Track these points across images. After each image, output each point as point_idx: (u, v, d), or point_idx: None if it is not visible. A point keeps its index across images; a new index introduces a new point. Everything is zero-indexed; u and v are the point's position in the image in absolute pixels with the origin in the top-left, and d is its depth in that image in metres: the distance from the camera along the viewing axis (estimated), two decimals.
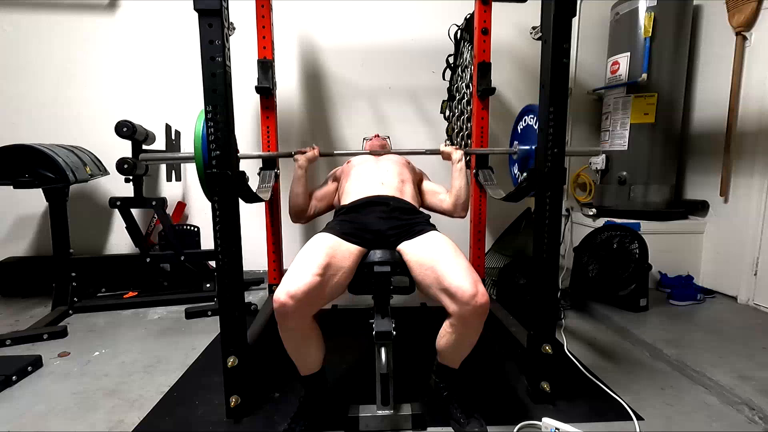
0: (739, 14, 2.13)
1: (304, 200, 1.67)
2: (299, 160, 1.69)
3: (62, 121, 2.54)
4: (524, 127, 1.80)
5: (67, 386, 1.47)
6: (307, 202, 1.68)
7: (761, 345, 1.69)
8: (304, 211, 1.69)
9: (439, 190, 1.74)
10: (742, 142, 2.17)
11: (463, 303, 1.09)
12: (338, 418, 1.23)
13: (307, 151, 1.72)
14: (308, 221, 1.74)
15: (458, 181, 1.65)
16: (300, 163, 1.69)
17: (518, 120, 1.86)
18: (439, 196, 1.72)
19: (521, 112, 1.83)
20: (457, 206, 1.67)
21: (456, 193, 1.65)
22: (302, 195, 1.66)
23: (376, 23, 2.61)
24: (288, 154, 1.76)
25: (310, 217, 1.71)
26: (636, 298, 2.07)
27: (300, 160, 1.69)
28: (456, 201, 1.66)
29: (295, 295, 1.06)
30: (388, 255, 1.27)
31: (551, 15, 1.22)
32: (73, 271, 2.19)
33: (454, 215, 1.70)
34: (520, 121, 1.84)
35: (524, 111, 1.81)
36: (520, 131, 1.84)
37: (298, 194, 1.66)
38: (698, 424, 1.26)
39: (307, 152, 1.72)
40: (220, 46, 1.17)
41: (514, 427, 1.22)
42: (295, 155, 1.72)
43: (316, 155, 1.73)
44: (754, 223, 2.11)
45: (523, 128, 1.81)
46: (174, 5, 2.52)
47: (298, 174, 1.68)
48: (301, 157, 1.70)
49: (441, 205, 1.71)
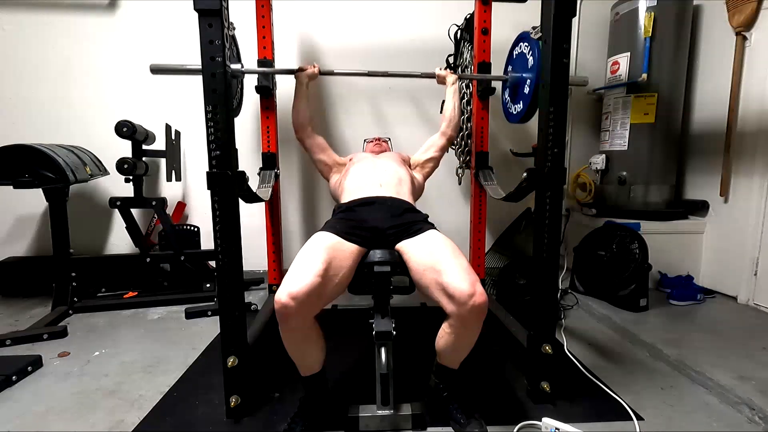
0: (739, 14, 2.13)
1: (303, 113, 1.80)
2: (300, 77, 1.82)
3: (62, 121, 2.54)
4: (518, 54, 1.84)
5: (67, 386, 1.47)
6: (307, 117, 1.81)
7: (761, 345, 1.69)
8: (303, 125, 1.81)
9: (426, 143, 1.88)
10: (742, 142, 2.17)
11: (461, 303, 1.09)
12: (338, 418, 1.23)
13: (308, 69, 1.83)
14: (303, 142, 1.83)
15: (451, 101, 1.84)
16: (300, 79, 1.82)
17: (514, 46, 1.89)
18: (430, 143, 1.86)
19: (517, 38, 1.87)
20: (451, 125, 1.84)
21: (450, 114, 1.83)
22: (302, 110, 1.80)
23: (376, 23, 2.61)
24: (290, 71, 1.85)
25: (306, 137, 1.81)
26: (636, 298, 2.07)
27: (300, 76, 1.82)
28: (450, 120, 1.83)
29: (296, 296, 1.06)
30: (388, 255, 1.27)
31: (551, 15, 1.23)
32: (73, 271, 2.19)
33: (450, 134, 1.85)
34: (515, 48, 1.87)
35: (519, 38, 1.84)
36: (515, 57, 1.89)
37: (298, 108, 1.81)
38: (698, 424, 1.26)
39: (307, 69, 1.83)
40: (220, 46, 1.17)
41: (514, 427, 1.22)
42: (298, 71, 1.83)
43: (315, 73, 1.84)
44: (754, 223, 2.11)
45: (517, 54, 1.86)
46: (174, 5, 2.51)
47: (299, 89, 1.82)
48: (302, 73, 1.82)
49: (437, 144, 1.85)
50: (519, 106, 1.82)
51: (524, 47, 1.75)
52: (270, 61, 2.01)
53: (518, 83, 1.81)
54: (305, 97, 1.83)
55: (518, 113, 1.83)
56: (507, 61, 1.96)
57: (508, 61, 1.94)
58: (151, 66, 1.60)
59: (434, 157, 1.85)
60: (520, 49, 1.80)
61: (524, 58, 1.74)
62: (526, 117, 1.81)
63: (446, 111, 1.85)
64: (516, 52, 1.86)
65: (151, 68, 1.60)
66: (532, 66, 1.67)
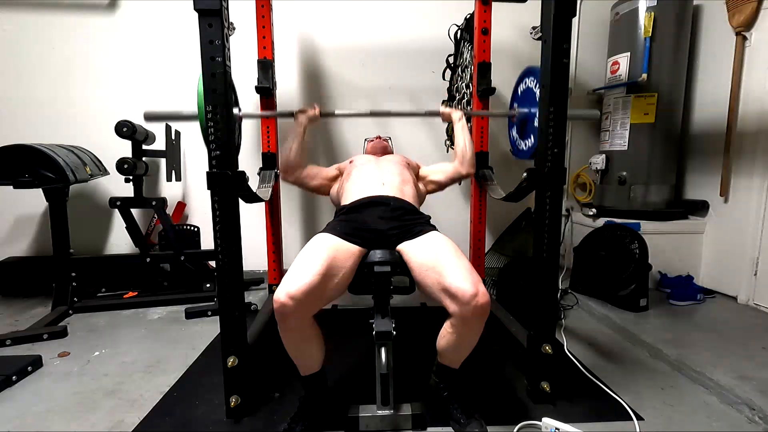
0: (739, 14, 2.13)
1: (295, 157, 1.65)
2: (299, 118, 1.69)
3: (62, 121, 2.54)
4: (524, 89, 1.80)
5: (67, 386, 1.47)
6: (298, 160, 1.66)
7: (761, 345, 1.69)
8: (293, 169, 1.66)
9: (440, 165, 1.79)
10: (742, 142, 2.17)
11: (464, 303, 1.09)
12: (338, 418, 1.23)
13: (308, 111, 1.72)
14: (294, 183, 1.71)
15: (461, 139, 1.72)
16: (300, 121, 1.69)
17: (519, 82, 1.86)
18: (442, 168, 1.77)
19: (522, 74, 1.84)
20: (464, 163, 1.72)
21: (461, 151, 1.71)
22: (295, 151, 1.65)
23: (376, 23, 2.61)
24: (290, 114, 1.75)
25: (297, 179, 1.69)
26: (636, 298, 2.07)
27: (300, 118, 1.69)
28: (462, 158, 1.72)
29: (294, 295, 1.06)
30: (388, 255, 1.27)
31: (551, 15, 1.22)
32: (73, 271, 2.19)
33: (462, 173, 1.74)
34: (520, 83, 1.84)
35: (525, 73, 1.81)
36: (520, 93, 1.85)
37: (292, 149, 1.64)
38: (698, 424, 1.26)
39: (308, 111, 1.71)
40: (220, 46, 1.17)
41: (514, 427, 1.22)
42: (297, 113, 1.72)
43: (317, 115, 1.72)
44: (754, 223, 2.11)
45: (523, 90, 1.81)
46: (174, 5, 2.52)
47: (297, 131, 1.67)
48: (302, 115, 1.70)
49: (448, 172, 1.75)
50: (529, 141, 1.77)
51: (530, 82, 1.72)
52: (270, 61, 2.01)
53: (527, 118, 1.75)
54: (302, 141, 1.68)
55: (529, 148, 1.77)
56: (512, 98, 1.93)
57: (514, 97, 1.91)
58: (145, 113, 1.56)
59: (439, 182, 1.76)
60: (526, 85, 1.77)
61: (531, 92, 1.70)
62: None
63: (457, 148, 1.73)
64: (522, 88, 1.82)
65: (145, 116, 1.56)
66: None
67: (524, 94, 1.80)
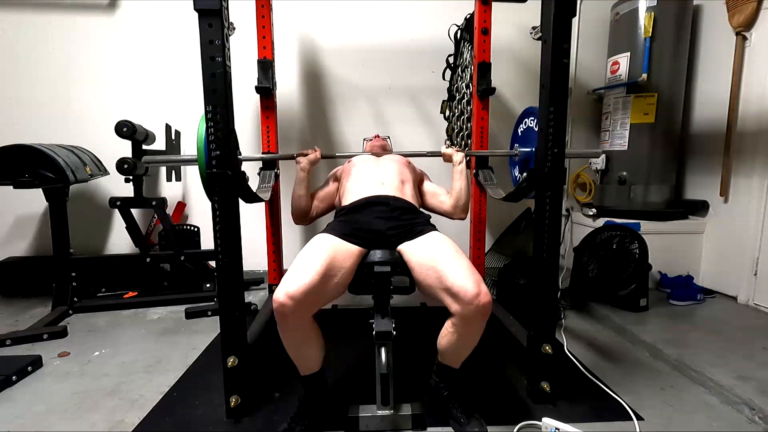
0: (739, 14, 2.13)
1: (306, 202, 1.66)
2: (301, 163, 1.69)
3: (62, 121, 2.54)
4: (525, 129, 1.80)
5: (67, 386, 1.47)
6: (309, 204, 1.68)
7: (761, 345, 1.69)
8: (306, 213, 1.68)
9: (440, 191, 1.73)
10: (742, 142, 2.17)
11: (466, 303, 1.09)
12: (338, 418, 1.23)
13: (309, 154, 1.72)
14: (311, 222, 1.74)
15: (458, 183, 1.66)
16: (302, 166, 1.68)
17: (519, 122, 1.86)
18: (439, 197, 1.72)
19: (522, 114, 1.83)
20: (457, 208, 1.66)
21: (456, 195, 1.65)
22: (305, 197, 1.66)
23: (376, 23, 2.61)
24: (290, 156, 1.76)
25: (312, 218, 1.71)
26: (636, 298, 2.07)
27: (302, 163, 1.69)
28: (456, 203, 1.66)
29: (294, 295, 1.06)
30: (388, 255, 1.27)
31: (551, 15, 1.22)
32: (73, 271, 2.19)
33: (453, 217, 1.70)
34: (520, 124, 1.84)
35: (525, 113, 1.81)
36: (520, 133, 1.84)
37: (301, 196, 1.65)
38: (698, 424, 1.26)
39: (309, 154, 1.72)
40: (220, 46, 1.17)
41: (514, 427, 1.22)
42: (297, 157, 1.72)
43: (318, 157, 1.73)
44: (754, 223, 2.11)
45: (523, 130, 1.81)
46: (174, 5, 2.52)
47: (301, 176, 1.67)
48: (303, 159, 1.70)
49: (441, 206, 1.71)
50: None
51: (530, 122, 1.72)
52: (270, 61, 2.01)
53: (528, 158, 1.74)
54: (308, 186, 1.68)
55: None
56: (513, 138, 1.93)
57: (514, 137, 1.91)
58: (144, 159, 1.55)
59: (432, 206, 1.73)
60: (526, 125, 1.76)
61: (532, 132, 1.69)
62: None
63: (453, 191, 1.66)
64: (522, 129, 1.81)
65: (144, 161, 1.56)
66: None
67: (525, 134, 1.79)
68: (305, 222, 1.70)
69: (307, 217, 1.69)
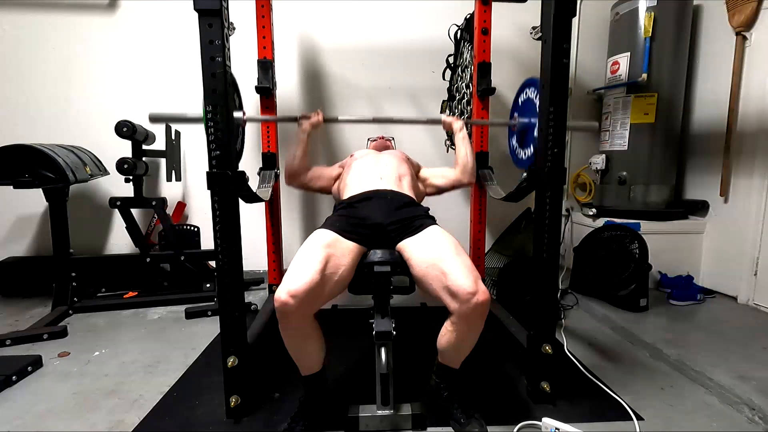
0: (739, 14, 2.13)
1: (300, 163, 1.69)
2: (303, 125, 1.72)
3: (62, 121, 2.54)
4: (525, 99, 1.81)
5: (67, 386, 1.47)
6: (303, 165, 1.70)
7: (761, 345, 1.69)
8: (298, 175, 1.71)
9: (442, 169, 1.81)
10: (742, 142, 2.17)
11: (464, 301, 1.09)
12: (338, 418, 1.23)
13: (312, 117, 1.73)
14: (300, 187, 1.77)
15: (463, 149, 1.74)
16: (304, 128, 1.71)
17: (519, 92, 1.87)
18: (444, 173, 1.79)
19: (523, 84, 1.85)
20: (465, 173, 1.74)
21: (462, 161, 1.74)
22: (300, 158, 1.69)
23: (376, 23, 2.61)
24: (293, 119, 1.77)
25: (302, 183, 1.73)
26: (636, 298, 2.07)
27: (304, 125, 1.72)
28: (464, 168, 1.74)
29: (296, 294, 1.06)
30: (388, 255, 1.27)
31: (551, 15, 1.22)
32: (73, 271, 2.19)
33: (463, 182, 1.76)
34: (521, 94, 1.85)
35: (526, 84, 1.82)
36: (520, 103, 1.86)
37: (296, 156, 1.68)
38: (698, 424, 1.26)
39: (311, 117, 1.73)
40: (220, 46, 1.17)
41: (514, 427, 1.22)
42: (300, 119, 1.73)
43: (320, 121, 1.74)
44: (754, 223, 2.11)
45: (523, 101, 1.82)
46: (174, 5, 2.52)
47: (301, 138, 1.70)
48: (305, 122, 1.72)
49: (450, 179, 1.77)
50: (529, 150, 1.78)
51: (531, 93, 1.74)
52: (270, 61, 2.01)
53: (527, 128, 1.77)
54: (306, 148, 1.70)
55: (529, 158, 1.78)
56: (513, 108, 1.94)
57: (514, 107, 1.92)
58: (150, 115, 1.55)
59: (440, 186, 1.78)
60: (527, 95, 1.77)
61: (532, 103, 1.71)
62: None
63: (459, 158, 1.75)
64: (522, 99, 1.83)
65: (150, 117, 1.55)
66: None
67: (525, 105, 1.81)
68: (295, 183, 1.73)
69: (297, 179, 1.71)
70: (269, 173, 2.02)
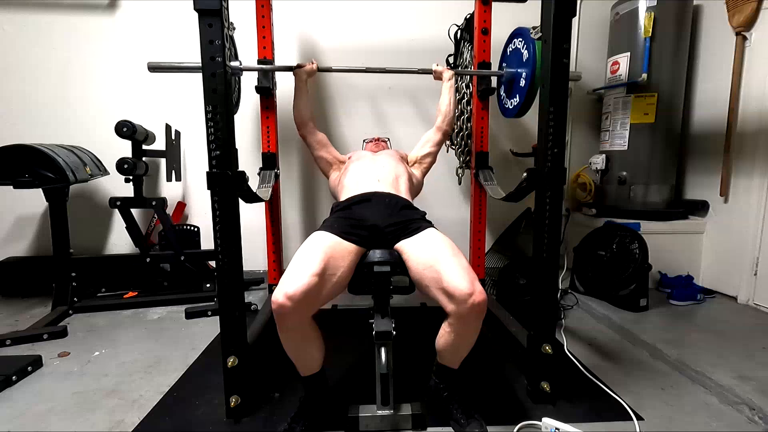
0: (739, 14, 2.13)
1: (304, 110, 1.84)
2: (298, 73, 1.86)
3: (62, 121, 2.54)
4: (513, 50, 1.87)
5: (67, 386, 1.47)
6: (307, 114, 1.85)
7: (761, 345, 1.69)
8: (305, 124, 1.85)
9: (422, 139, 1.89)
10: (742, 142, 2.17)
11: (461, 302, 1.09)
12: (338, 418, 1.23)
13: (306, 66, 1.87)
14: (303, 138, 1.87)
15: (447, 97, 1.86)
16: (299, 76, 1.85)
17: (508, 42, 1.92)
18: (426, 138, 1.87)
19: (511, 34, 1.89)
20: (445, 119, 1.85)
21: (446, 108, 1.85)
22: (302, 107, 1.84)
23: (376, 23, 2.61)
24: (288, 68, 1.88)
25: (306, 136, 1.85)
26: (636, 298, 2.07)
27: (299, 73, 1.86)
28: (445, 116, 1.85)
29: (293, 296, 1.05)
30: (387, 255, 1.27)
31: (551, 15, 1.22)
32: (73, 271, 2.19)
33: (444, 128, 1.86)
34: (509, 44, 1.89)
35: (514, 34, 1.87)
36: (509, 53, 1.91)
37: (299, 105, 1.84)
38: (698, 424, 1.26)
39: (306, 66, 1.87)
40: (220, 46, 1.17)
41: (514, 427, 1.22)
42: (296, 69, 1.86)
43: (314, 69, 1.88)
44: (754, 223, 2.11)
45: (512, 51, 1.88)
46: (174, 5, 2.51)
47: (297, 85, 1.85)
48: (300, 70, 1.86)
49: (433, 138, 1.86)
50: (515, 99, 1.85)
51: (518, 42, 1.79)
52: (270, 61, 2.01)
53: (514, 78, 1.85)
54: (305, 93, 1.85)
55: (515, 107, 1.86)
56: (501, 58, 2.00)
57: (503, 58, 1.98)
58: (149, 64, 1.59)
59: (431, 152, 1.86)
60: (515, 45, 1.83)
61: (519, 53, 1.77)
62: (522, 111, 1.83)
63: (441, 105, 1.86)
64: (510, 49, 1.89)
65: (149, 66, 1.59)
66: (527, 60, 1.69)
67: (512, 54, 1.87)
68: (303, 131, 1.85)
69: (305, 127, 1.85)
70: (269, 173, 2.02)
